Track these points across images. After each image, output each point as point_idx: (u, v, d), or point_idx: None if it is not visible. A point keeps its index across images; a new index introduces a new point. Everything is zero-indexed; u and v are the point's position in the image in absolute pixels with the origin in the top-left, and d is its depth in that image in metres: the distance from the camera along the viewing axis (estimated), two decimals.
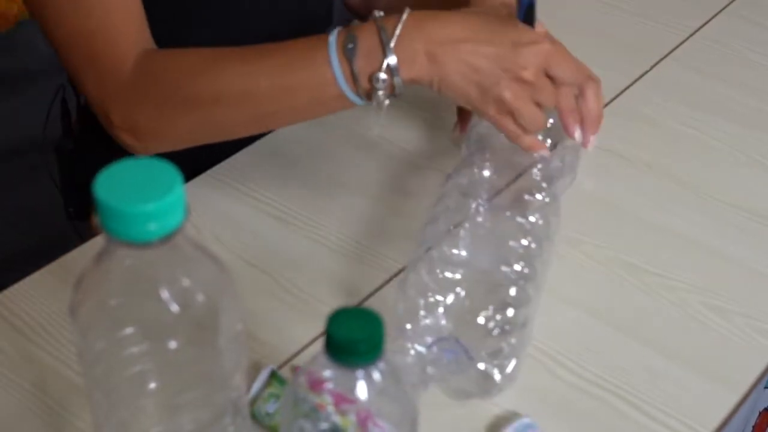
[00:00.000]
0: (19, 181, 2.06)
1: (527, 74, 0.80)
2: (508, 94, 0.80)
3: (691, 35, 1.19)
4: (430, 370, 0.72)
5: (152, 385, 0.56)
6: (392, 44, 0.79)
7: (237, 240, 0.89)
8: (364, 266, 0.88)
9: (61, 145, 1.13)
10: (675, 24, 1.21)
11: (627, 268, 0.87)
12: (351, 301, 0.84)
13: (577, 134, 0.87)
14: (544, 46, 0.81)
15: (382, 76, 0.79)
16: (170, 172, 0.51)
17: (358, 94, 0.81)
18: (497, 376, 0.74)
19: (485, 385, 0.74)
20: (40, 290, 0.85)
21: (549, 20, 0.98)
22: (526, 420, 0.74)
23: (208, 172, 0.97)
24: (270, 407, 0.73)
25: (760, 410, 1.08)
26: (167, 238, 0.51)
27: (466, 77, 0.80)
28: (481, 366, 0.73)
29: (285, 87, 0.82)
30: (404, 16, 0.80)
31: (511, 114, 0.81)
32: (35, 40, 1.93)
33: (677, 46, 1.17)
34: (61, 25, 0.86)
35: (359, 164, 0.94)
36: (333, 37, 0.80)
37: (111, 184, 0.50)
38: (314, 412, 0.56)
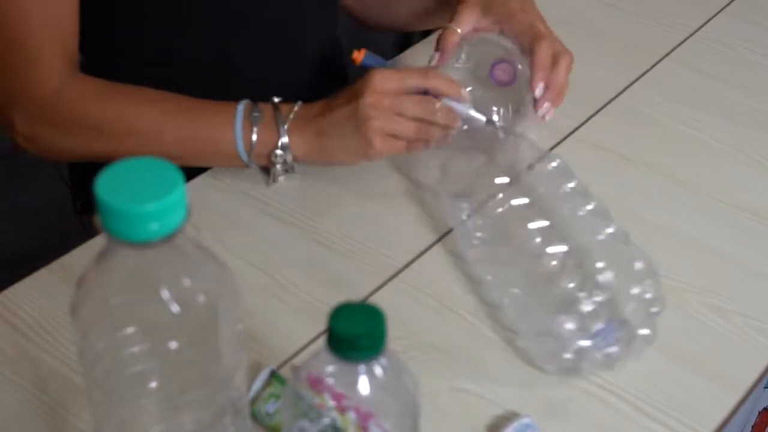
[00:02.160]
0: (19, 181, 2.06)
1: (368, 98, 0.87)
2: (372, 122, 0.87)
3: (691, 35, 1.19)
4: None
5: (153, 385, 0.56)
6: (286, 126, 0.90)
7: (237, 240, 0.89)
8: (364, 266, 0.88)
9: None
10: (675, 24, 1.21)
11: None
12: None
13: (538, 91, 0.92)
14: (372, 76, 0.88)
15: (279, 152, 0.90)
16: (171, 172, 0.51)
17: (250, 158, 0.91)
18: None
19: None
20: (41, 290, 0.85)
21: (549, 20, 0.98)
22: (526, 420, 0.74)
23: (209, 171, 0.97)
24: (270, 407, 0.73)
25: (760, 410, 1.08)
26: (168, 238, 0.51)
27: (342, 134, 0.89)
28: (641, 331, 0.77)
29: (188, 138, 0.91)
30: (296, 107, 0.91)
31: (392, 135, 0.89)
32: None
33: (677, 46, 1.17)
34: None
35: (359, 164, 0.94)
36: (242, 105, 0.91)
37: (112, 184, 0.50)
38: (314, 412, 0.56)
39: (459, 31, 0.96)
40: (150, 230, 0.50)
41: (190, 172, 0.93)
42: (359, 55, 0.93)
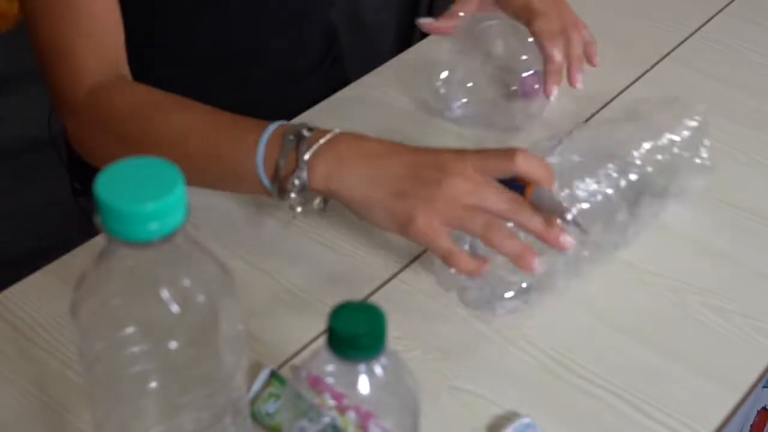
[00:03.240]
0: (19, 181, 2.06)
1: (452, 179, 0.74)
2: (436, 203, 0.74)
3: (691, 35, 1.19)
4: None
5: (153, 385, 0.56)
6: (306, 157, 0.77)
7: (237, 240, 0.89)
8: (364, 266, 0.88)
9: None
10: (675, 24, 1.21)
11: (627, 268, 0.87)
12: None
13: (556, 54, 0.93)
14: (467, 155, 0.75)
15: (296, 181, 0.77)
16: (171, 171, 0.51)
17: (274, 185, 0.79)
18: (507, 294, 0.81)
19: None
20: (40, 290, 0.85)
21: None
22: (526, 420, 0.74)
23: None
24: (270, 407, 0.73)
25: (758, 409, 1.08)
26: (168, 238, 0.51)
27: (388, 191, 0.75)
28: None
29: (210, 153, 0.82)
30: (334, 132, 0.78)
31: (447, 225, 0.74)
32: None
33: (677, 46, 1.17)
34: (34, 32, 0.90)
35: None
36: (273, 125, 0.80)
37: (112, 184, 0.50)
38: (314, 411, 0.56)
39: (462, 14, 0.98)
40: (150, 230, 0.50)
41: None
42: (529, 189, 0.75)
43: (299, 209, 0.80)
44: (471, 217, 0.74)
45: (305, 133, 0.78)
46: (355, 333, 0.53)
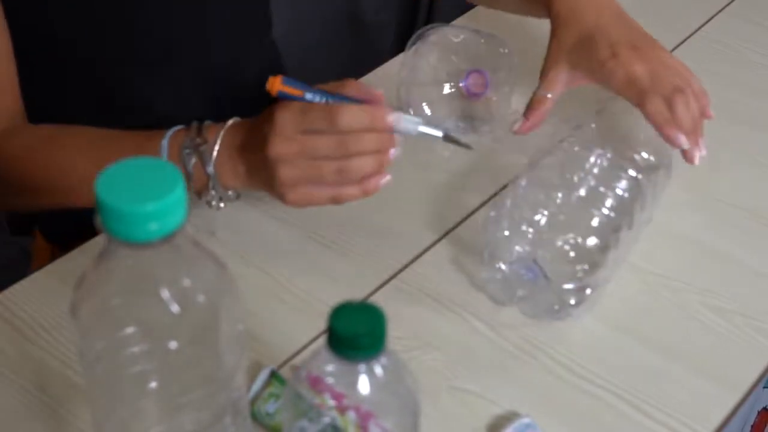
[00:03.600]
0: None
1: (272, 150, 0.77)
2: (280, 175, 0.78)
3: (691, 35, 1.19)
4: (519, 291, 0.80)
5: (153, 385, 0.56)
6: (211, 166, 0.81)
7: (237, 240, 0.89)
8: (364, 266, 0.88)
9: None
10: (675, 24, 1.21)
11: (628, 268, 0.87)
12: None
13: (682, 141, 0.83)
14: (276, 113, 0.77)
15: (212, 192, 0.83)
16: (171, 172, 0.51)
17: (189, 193, 0.80)
18: (572, 300, 0.79)
19: (560, 309, 0.80)
20: (40, 290, 0.85)
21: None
22: (526, 420, 0.74)
23: None
24: (270, 407, 0.73)
25: (759, 410, 1.08)
26: (168, 238, 0.51)
27: (262, 181, 0.80)
28: (565, 286, 0.79)
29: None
30: (222, 132, 0.81)
31: (308, 185, 0.78)
32: None
33: (677, 46, 1.17)
34: None
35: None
36: (165, 140, 0.83)
37: (112, 185, 0.50)
38: (314, 411, 0.56)
39: (550, 96, 0.90)
40: (150, 230, 0.50)
41: None
42: (275, 83, 0.77)
43: (222, 205, 0.84)
44: (320, 171, 0.77)
45: (200, 146, 0.81)
46: (356, 333, 0.53)
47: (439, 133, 0.80)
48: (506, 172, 0.97)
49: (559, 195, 0.83)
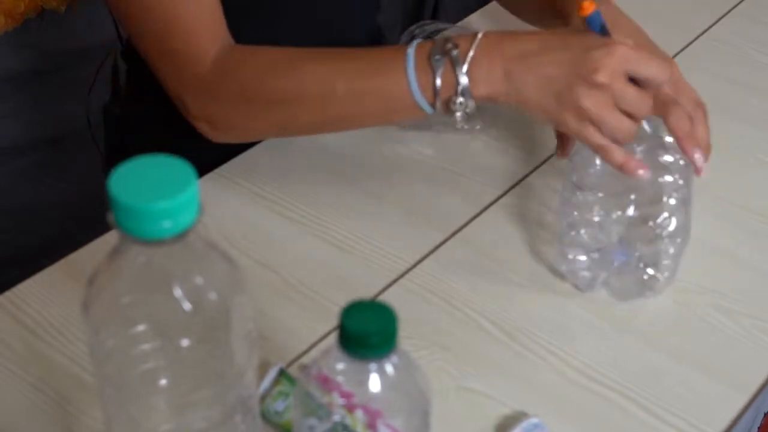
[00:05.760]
0: (24, 179, 2.06)
1: (601, 77, 0.77)
2: (586, 102, 0.77)
3: (699, 36, 1.19)
4: (599, 277, 0.83)
5: (163, 383, 0.56)
6: (465, 68, 0.80)
7: (246, 238, 0.89)
8: (372, 265, 0.88)
9: (109, 108, 1.15)
10: (682, 25, 1.21)
11: None
12: None
13: (698, 157, 0.82)
14: (618, 48, 0.78)
15: (460, 99, 0.81)
16: (184, 169, 0.51)
17: (433, 105, 0.82)
18: (660, 277, 0.82)
19: (648, 286, 0.83)
20: (49, 287, 0.85)
21: None
22: (534, 420, 0.74)
23: (217, 170, 0.97)
24: (279, 405, 0.73)
25: (766, 411, 1.08)
26: (180, 236, 0.51)
27: (541, 89, 0.79)
28: (649, 270, 0.82)
29: (360, 92, 0.84)
30: (479, 36, 0.81)
31: (594, 124, 0.78)
32: (40, 39, 1.93)
33: (685, 47, 1.17)
34: (142, 21, 0.89)
35: (369, 163, 0.94)
36: (412, 49, 0.82)
37: (125, 182, 0.50)
38: (323, 410, 0.56)
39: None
40: (163, 228, 0.50)
41: (199, 170, 0.93)
42: (590, 7, 0.80)
43: (467, 113, 0.82)
44: (616, 122, 0.78)
45: (452, 51, 0.80)
46: (367, 331, 0.53)
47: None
48: (512, 173, 0.97)
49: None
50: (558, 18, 0.94)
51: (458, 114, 0.81)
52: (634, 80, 0.79)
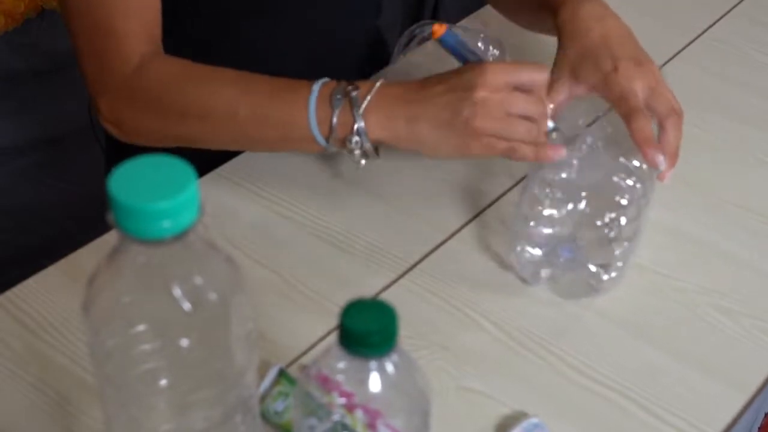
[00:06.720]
0: (24, 179, 2.06)
1: (480, 93, 0.80)
2: (476, 121, 0.80)
3: (699, 36, 1.19)
4: (544, 272, 0.83)
5: (163, 383, 0.56)
6: (361, 110, 0.83)
7: (245, 238, 0.90)
8: (372, 265, 0.88)
9: None
10: (682, 25, 1.21)
11: (635, 270, 0.87)
12: None
13: (660, 161, 0.83)
14: (487, 65, 0.82)
15: (356, 139, 0.84)
16: (184, 170, 0.51)
17: (327, 140, 0.85)
18: (605, 277, 0.82)
19: (592, 285, 0.83)
20: (48, 287, 0.85)
21: None
22: (534, 420, 0.74)
23: (217, 170, 0.97)
24: (278, 406, 0.73)
25: (766, 411, 1.08)
26: (180, 236, 0.51)
27: (436, 129, 0.82)
28: (592, 267, 0.82)
29: (262, 118, 0.87)
30: (377, 84, 0.84)
31: (494, 136, 0.81)
32: (40, 39, 1.93)
33: (685, 47, 1.17)
34: (75, 17, 0.91)
35: (369, 163, 0.94)
36: (317, 85, 0.85)
37: (125, 182, 0.50)
38: (323, 410, 0.56)
39: (551, 106, 0.88)
40: (163, 228, 0.50)
41: (198, 170, 0.93)
42: (440, 30, 0.88)
43: (363, 162, 0.86)
44: (511, 126, 0.81)
45: (352, 92, 0.83)
46: (367, 330, 0.53)
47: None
48: (513, 173, 0.97)
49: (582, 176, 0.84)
50: (549, 17, 0.94)
51: (356, 152, 0.85)
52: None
